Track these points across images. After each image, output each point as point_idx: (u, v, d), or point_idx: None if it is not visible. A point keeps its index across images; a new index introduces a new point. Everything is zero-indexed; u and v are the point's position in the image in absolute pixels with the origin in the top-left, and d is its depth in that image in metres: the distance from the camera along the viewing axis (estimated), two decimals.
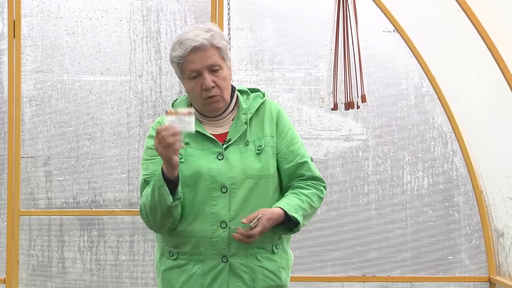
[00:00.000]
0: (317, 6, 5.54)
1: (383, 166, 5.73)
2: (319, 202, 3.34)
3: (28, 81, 5.60)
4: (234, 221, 3.20)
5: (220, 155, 3.24)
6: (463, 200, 5.71)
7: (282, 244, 3.35)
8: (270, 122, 3.32)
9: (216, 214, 3.20)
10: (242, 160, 3.24)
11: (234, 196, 3.21)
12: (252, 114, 3.31)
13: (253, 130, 3.30)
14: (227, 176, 3.21)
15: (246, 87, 3.41)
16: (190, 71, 3.21)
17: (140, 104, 5.62)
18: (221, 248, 3.21)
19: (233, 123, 3.31)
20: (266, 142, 3.28)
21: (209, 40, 3.19)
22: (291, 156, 3.31)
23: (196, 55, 3.18)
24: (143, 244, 5.63)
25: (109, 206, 5.63)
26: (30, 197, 5.62)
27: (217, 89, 3.22)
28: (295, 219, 3.18)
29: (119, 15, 5.63)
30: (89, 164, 5.62)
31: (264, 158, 3.26)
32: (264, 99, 3.36)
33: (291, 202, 3.22)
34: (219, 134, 3.30)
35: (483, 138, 5.56)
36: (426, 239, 5.71)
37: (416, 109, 5.71)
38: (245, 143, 3.27)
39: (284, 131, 3.33)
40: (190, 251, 3.25)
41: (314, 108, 5.67)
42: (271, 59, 5.69)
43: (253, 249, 3.24)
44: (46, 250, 5.65)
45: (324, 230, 5.69)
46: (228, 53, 3.28)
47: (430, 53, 5.62)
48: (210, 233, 3.20)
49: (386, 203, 5.71)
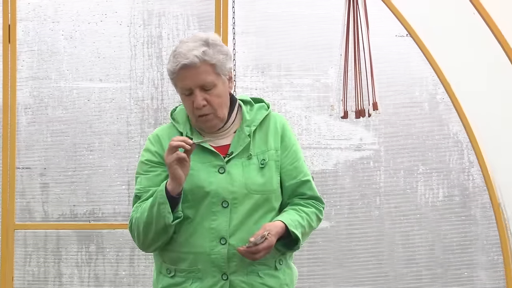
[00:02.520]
0: (327, 10, 5.57)
1: (396, 177, 5.72)
2: (317, 223, 3.32)
3: (24, 88, 5.58)
4: (234, 237, 3.14)
5: (222, 169, 3.18)
6: (480, 213, 5.69)
7: (285, 260, 3.28)
8: (274, 135, 3.28)
9: (216, 230, 3.15)
10: (244, 174, 3.19)
11: (235, 212, 3.15)
12: (256, 126, 3.26)
13: (257, 143, 3.26)
14: (229, 191, 3.16)
15: (249, 97, 3.37)
16: (182, 88, 3.18)
17: (141, 112, 5.61)
18: (220, 265, 3.15)
19: (235, 135, 3.26)
20: (270, 156, 3.24)
21: (200, 57, 3.13)
22: (294, 172, 3.28)
23: (187, 72, 3.14)
24: (143, 259, 5.59)
25: (108, 219, 5.60)
26: (25, 210, 5.60)
27: (210, 108, 3.17)
28: (295, 235, 3.15)
29: (119, 19, 5.60)
30: (87, 175, 5.60)
31: (268, 172, 3.22)
32: (268, 111, 3.31)
33: (292, 217, 3.19)
34: (220, 146, 3.25)
35: (501, 148, 5.56)
36: (442, 253, 5.71)
37: (431, 117, 5.71)
38: (248, 157, 3.22)
39: (289, 146, 3.29)
40: (188, 268, 3.19)
41: (323, 116, 5.66)
42: (278, 65, 5.67)
43: (254, 266, 3.18)
44: (42, 265, 5.62)
45: (334, 245, 5.65)
46: (225, 67, 3.20)
47: (444, 58, 5.62)
48: (209, 249, 3.15)
49: (399, 217, 5.70)
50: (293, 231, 3.13)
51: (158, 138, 3.27)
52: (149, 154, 3.25)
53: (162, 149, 3.21)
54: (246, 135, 3.23)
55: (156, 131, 3.33)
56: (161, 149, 3.22)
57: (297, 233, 3.14)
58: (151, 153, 3.25)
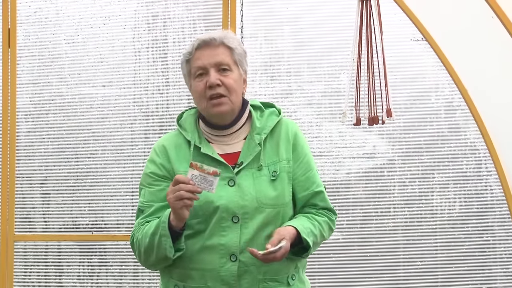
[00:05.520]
0: (338, 12, 5.56)
1: (411, 187, 5.67)
2: (329, 233, 3.29)
3: (24, 95, 5.56)
4: (244, 254, 3.07)
5: (231, 181, 3.12)
6: (498, 224, 5.65)
7: (298, 274, 3.23)
8: (286, 144, 3.21)
9: (225, 246, 3.08)
10: (255, 186, 3.13)
11: (246, 227, 3.09)
12: (266, 134, 3.21)
13: (268, 153, 3.19)
14: (239, 205, 3.09)
15: (259, 102, 3.32)
16: (196, 67, 3.14)
17: (145, 119, 5.57)
18: (230, 283, 3.09)
19: (245, 143, 3.19)
20: (281, 168, 3.18)
21: (220, 37, 3.15)
22: (307, 184, 3.23)
23: (204, 51, 3.13)
24: (147, 272, 5.53)
25: (111, 231, 5.56)
26: (25, 221, 5.57)
27: (224, 88, 3.12)
28: (306, 243, 3.09)
29: (122, 22, 5.58)
30: (90, 185, 5.56)
31: (280, 185, 3.16)
32: (280, 117, 3.26)
33: (304, 224, 3.14)
34: (228, 154, 3.19)
35: None
36: (458, 266, 5.66)
37: (447, 124, 5.67)
38: (258, 168, 3.16)
39: (301, 156, 3.23)
40: (197, 286, 3.12)
41: (335, 123, 5.63)
42: (288, 70, 5.64)
43: (266, 283, 3.12)
44: (43, 278, 5.58)
45: (347, 257, 5.61)
46: (242, 59, 3.21)
47: (461, 63, 5.59)
48: (218, 266, 3.08)
49: (414, 227, 5.66)
50: (305, 238, 3.07)
51: (164, 149, 3.19)
52: (154, 166, 3.17)
53: (168, 160, 3.15)
54: (256, 144, 3.17)
55: (161, 141, 3.25)
56: (167, 161, 3.15)
57: (309, 241, 3.09)
58: (156, 165, 3.17)
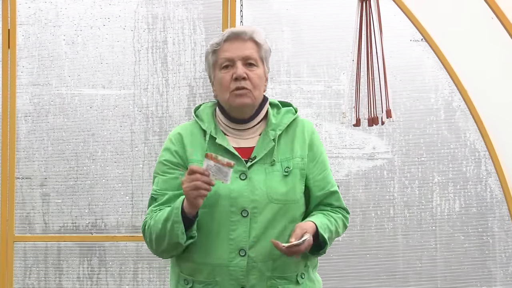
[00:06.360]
0: (338, 13, 5.51)
1: (410, 188, 5.64)
2: (343, 230, 3.32)
3: (24, 95, 5.54)
4: (253, 249, 3.10)
5: (243, 175, 3.14)
6: (498, 225, 5.61)
7: (307, 273, 3.25)
8: (301, 142, 3.25)
9: (235, 241, 3.11)
10: (266, 181, 3.15)
11: (255, 222, 3.11)
12: (281, 131, 3.23)
13: (281, 149, 3.22)
14: (249, 199, 3.12)
15: (277, 100, 3.37)
16: (223, 59, 3.18)
17: (145, 119, 5.55)
18: (239, 278, 3.11)
19: (260, 138, 3.23)
20: (294, 164, 3.20)
21: (250, 32, 3.20)
22: (323, 183, 3.28)
23: (233, 43, 3.18)
24: (147, 273, 5.54)
25: (111, 231, 5.53)
26: (25, 222, 5.54)
27: (248, 82, 3.17)
28: (323, 238, 3.13)
29: (122, 23, 5.55)
30: (90, 186, 5.54)
31: (291, 181, 3.18)
32: (296, 115, 3.30)
33: (322, 220, 3.18)
34: (243, 147, 3.22)
35: None
36: (458, 267, 5.63)
37: (447, 125, 5.64)
38: (271, 163, 3.18)
39: (317, 156, 3.28)
40: (206, 280, 3.16)
41: (335, 124, 5.61)
42: (288, 71, 5.61)
43: (275, 280, 3.14)
44: (43, 279, 5.57)
45: (347, 258, 5.60)
46: (268, 58, 3.28)
47: (461, 64, 5.56)
48: (227, 261, 3.11)
49: (413, 229, 5.62)
50: (322, 234, 3.10)
51: (179, 136, 3.21)
52: (169, 154, 3.19)
53: (183, 148, 3.17)
54: (271, 139, 3.19)
55: (177, 129, 3.28)
56: (182, 148, 3.17)
57: (326, 237, 3.12)
58: (171, 153, 3.19)
